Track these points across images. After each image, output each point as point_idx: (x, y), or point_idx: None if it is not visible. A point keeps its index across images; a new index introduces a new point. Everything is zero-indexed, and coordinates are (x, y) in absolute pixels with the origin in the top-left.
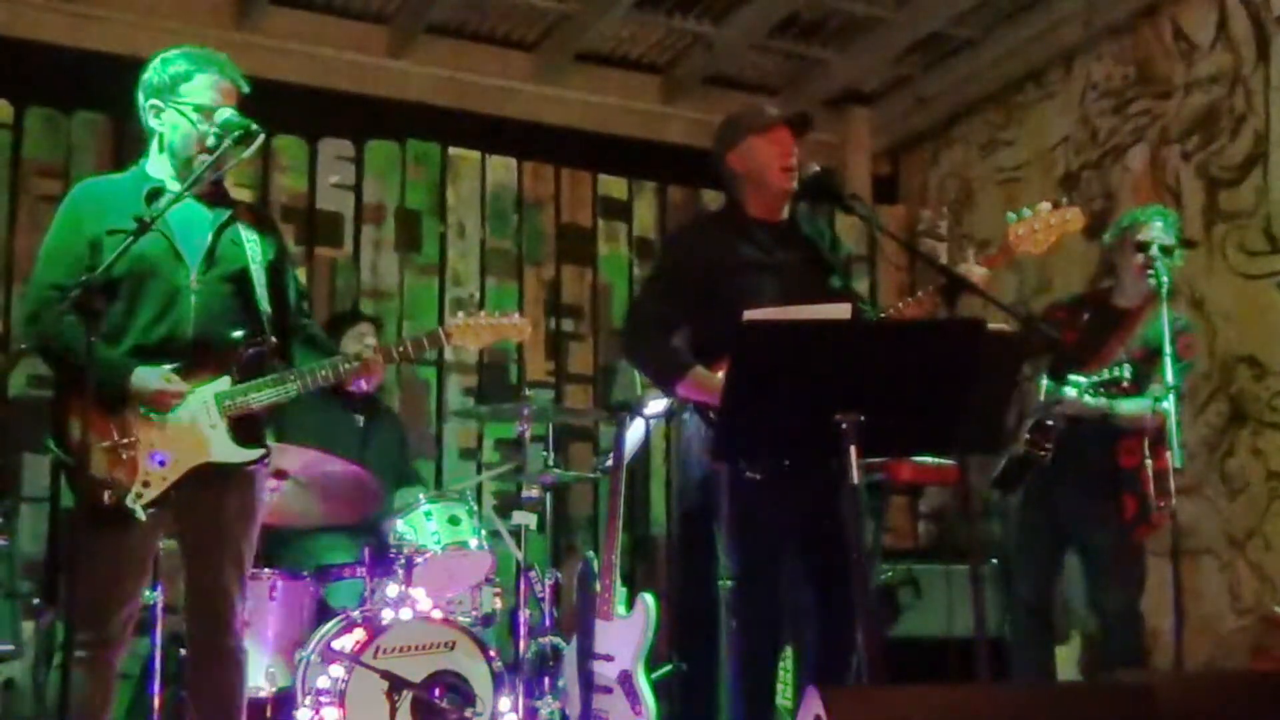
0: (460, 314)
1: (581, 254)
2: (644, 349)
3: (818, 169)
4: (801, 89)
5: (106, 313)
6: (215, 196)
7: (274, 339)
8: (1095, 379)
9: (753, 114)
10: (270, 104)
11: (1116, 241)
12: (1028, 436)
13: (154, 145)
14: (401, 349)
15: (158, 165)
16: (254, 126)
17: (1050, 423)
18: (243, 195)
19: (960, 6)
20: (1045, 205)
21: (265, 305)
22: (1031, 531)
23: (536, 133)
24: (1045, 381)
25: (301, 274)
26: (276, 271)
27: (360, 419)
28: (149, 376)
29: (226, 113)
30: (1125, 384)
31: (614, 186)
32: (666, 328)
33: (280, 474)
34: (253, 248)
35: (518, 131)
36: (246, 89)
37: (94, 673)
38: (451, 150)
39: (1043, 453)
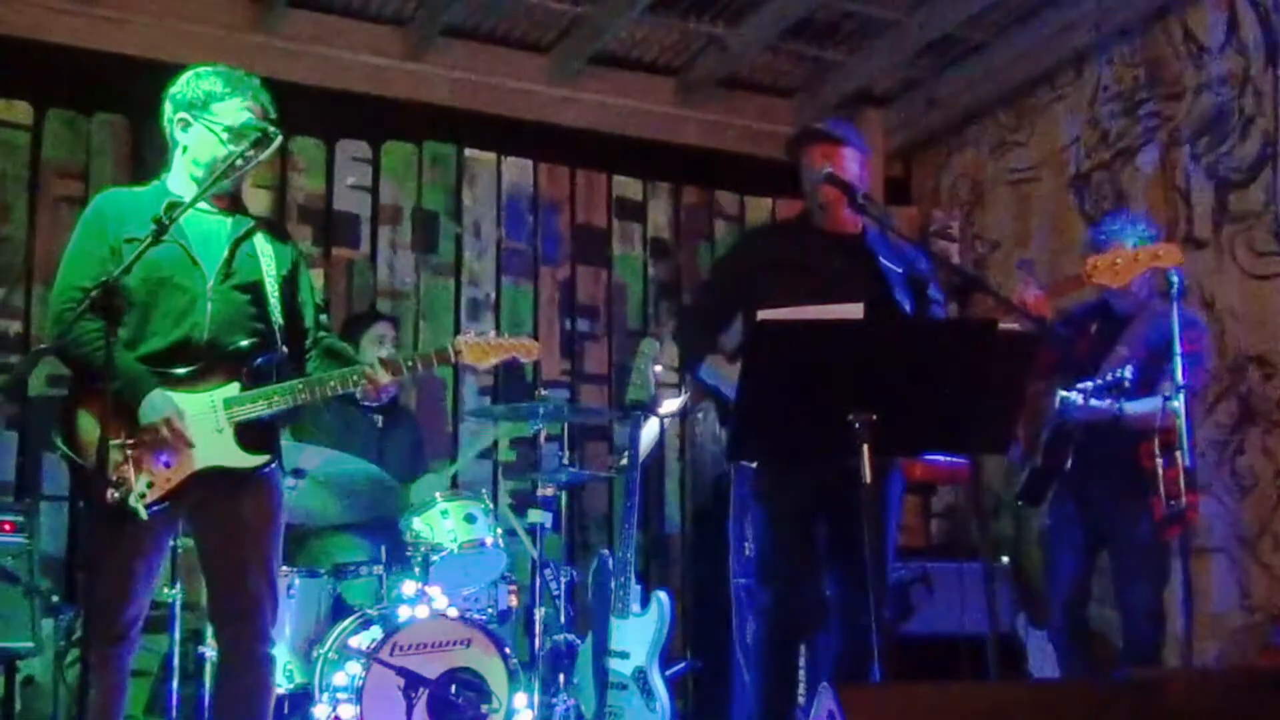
0: (471, 332)
1: (596, 254)
2: (683, 332)
3: (830, 171)
4: (815, 91)
5: (126, 313)
6: (234, 210)
7: (285, 349)
8: (1099, 383)
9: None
10: (288, 106)
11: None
12: (1045, 448)
13: (177, 158)
14: (411, 364)
15: (179, 180)
16: (271, 130)
17: (1067, 432)
18: (261, 196)
19: (972, 9)
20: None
21: (278, 316)
22: (1064, 543)
23: (552, 134)
24: (1060, 393)
25: (319, 275)
26: (291, 284)
27: (379, 419)
28: (160, 408)
29: (244, 115)
30: (1127, 384)
31: (629, 187)
32: (710, 315)
33: (298, 473)
34: (268, 261)
35: (533, 133)
36: (274, 114)
37: (103, 669)
38: (468, 152)
39: (1061, 463)
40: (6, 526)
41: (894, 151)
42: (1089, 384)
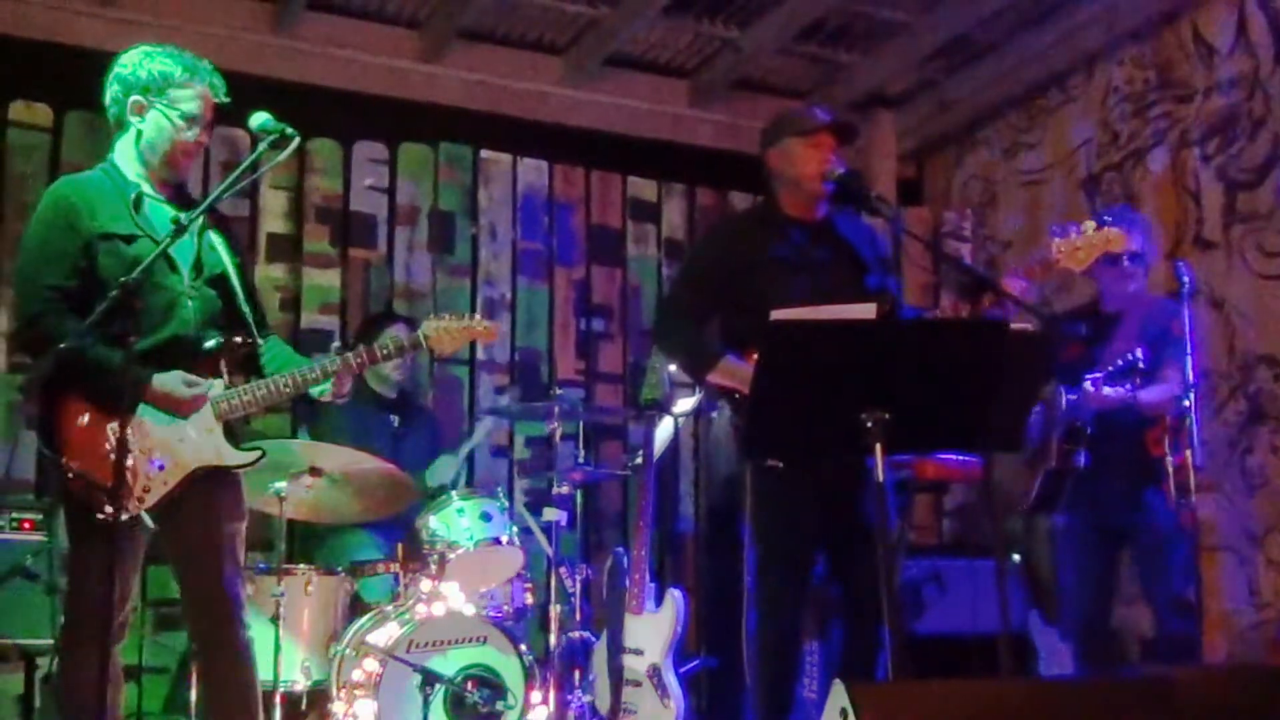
0: (433, 320)
1: (611, 255)
2: (675, 337)
3: (843, 171)
4: (828, 92)
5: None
6: (185, 202)
7: (259, 343)
8: (1110, 370)
9: (798, 116)
10: (305, 107)
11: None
12: (1058, 448)
13: (127, 141)
14: (385, 351)
15: (128, 163)
16: (289, 130)
17: (1077, 430)
18: (278, 197)
19: (984, 11)
20: (1089, 224)
21: (246, 308)
22: (1081, 545)
23: (567, 135)
24: (1065, 394)
25: (336, 275)
26: (245, 273)
27: (395, 419)
28: (171, 381)
29: (198, 103)
30: (1140, 365)
31: (643, 188)
32: (697, 317)
33: (315, 471)
34: (225, 253)
35: (548, 134)
36: (226, 99)
37: (104, 667)
38: (483, 153)
39: (1075, 462)
40: (26, 525)
41: (906, 153)
42: (1099, 374)
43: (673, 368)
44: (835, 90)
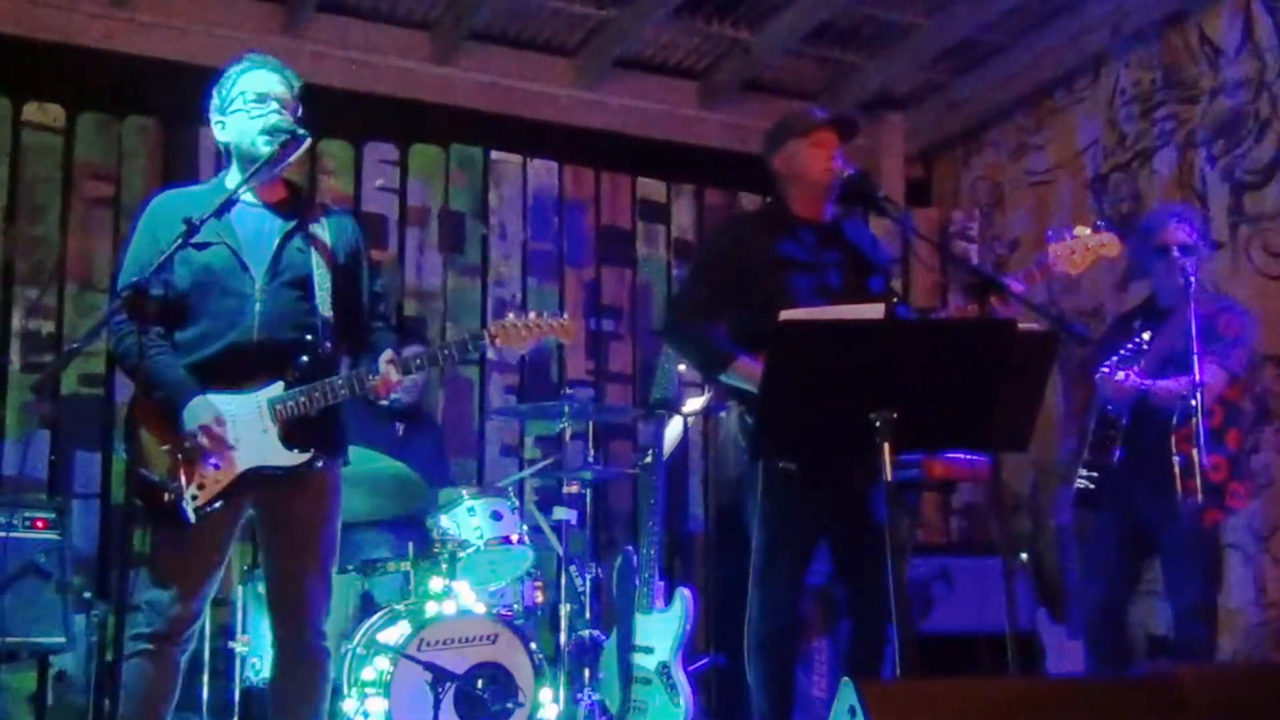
0: (508, 314)
1: (621, 255)
2: (687, 336)
3: (852, 172)
4: (836, 94)
5: (155, 313)
6: (287, 205)
7: (328, 344)
8: (1121, 354)
9: (796, 118)
10: (316, 108)
11: (1140, 246)
12: (1092, 442)
13: (229, 158)
14: (447, 352)
15: (236, 178)
16: (300, 130)
17: (1111, 420)
18: None
19: (991, 13)
20: (1085, 229)
21: (326, 310)
22: (1105, 537)
23: (577, 137)
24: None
25: None
26: (347, 274)
27: (400, 426)
28: (199, 415)
29: (274, 118)
30: (1145, 347)
31: (653, 189)
32: (709, 316)
33: None
34: (319, 255)
35: (558, 135)
36: (297, 83)
37: (157, 666)
38: (494, 154)
39: (1109, 457)
40: (39, 524)
41: (914, 153)
42: (1114, 358)
43: (682, 367)
44: (844, 91)
